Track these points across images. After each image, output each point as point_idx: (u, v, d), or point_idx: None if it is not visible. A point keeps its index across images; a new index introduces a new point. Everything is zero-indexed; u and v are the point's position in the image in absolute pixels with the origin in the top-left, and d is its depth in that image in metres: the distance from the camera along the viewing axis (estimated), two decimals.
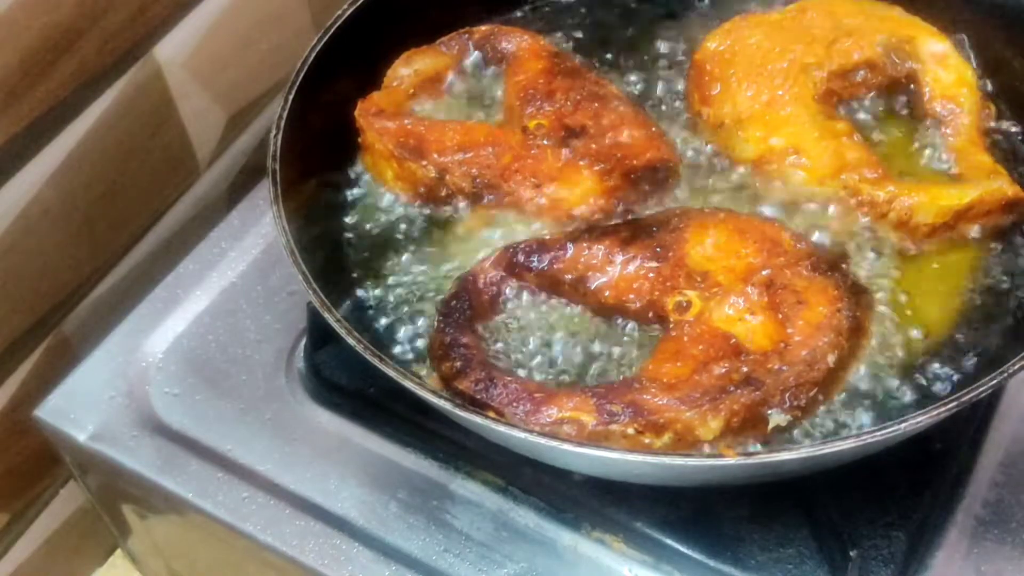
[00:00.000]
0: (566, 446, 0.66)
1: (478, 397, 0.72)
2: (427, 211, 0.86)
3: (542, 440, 0.66)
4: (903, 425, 0.65)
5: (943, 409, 0.66)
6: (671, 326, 0.75)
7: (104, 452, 0.86)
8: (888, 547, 0.75)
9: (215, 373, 0.90)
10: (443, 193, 0.85)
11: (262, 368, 0.90)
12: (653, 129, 0.87)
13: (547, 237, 0.80)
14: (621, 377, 0.74)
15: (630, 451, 0.68)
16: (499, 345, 0.77)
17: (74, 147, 0.96)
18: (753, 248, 0.77)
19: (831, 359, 0.72)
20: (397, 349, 0.79)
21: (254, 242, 0.98)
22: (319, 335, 0.87)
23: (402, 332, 0.80)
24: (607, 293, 0.77)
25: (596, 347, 0.77)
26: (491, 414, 0.71)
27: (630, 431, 0.69)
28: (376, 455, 0.84)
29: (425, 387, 0.69)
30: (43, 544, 1.08)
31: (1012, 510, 0.79)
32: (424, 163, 0.85)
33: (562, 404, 0.70)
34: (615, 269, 0.77)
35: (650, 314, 0.76)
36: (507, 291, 0.79)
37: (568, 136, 0.85)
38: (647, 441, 0.69)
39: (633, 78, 0.94)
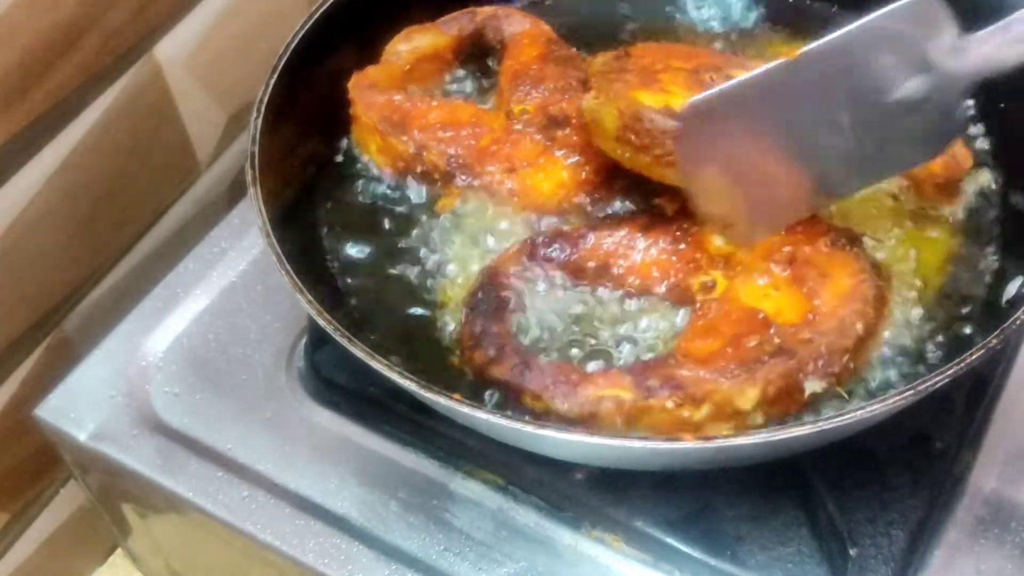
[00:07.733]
0: (542, 431, 0.67)
1: (514, 382, 0.72)
2: (408, 194, 0.86)
3: (505, 423, 0.67)
4: (859, 412, 0.65)
5: (899, 398, 0.66)
6: (698, 306, 0.76)
7: (104, 451, 0.86)
8: (888, 546, 0.75)
9: (215, 373, 0.90)
10: (419, 169, 0.85)
11: (262, 368, 0.90)
12: None
13: (565, 228, 0.80)
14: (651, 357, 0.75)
15: (591, 434, 0.68)
16: (529, 333, 0.78)
17: (74, 147, 0.96)
18: None
19: (860, 327, 0.73)
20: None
21: (254, 242, 0.97)
22: (319, 334, 0.87)
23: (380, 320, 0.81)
24: (632, 279, 0.78)
25: (620, 331, 0.77)
26: (527, 398, 0.71)
27: (669, 404, 0.70)
28: (376, 454, 0.84)
29: (393, 369, 0.69)
30: (43, 544, 1.08)
31: (1012, 510, 0.78)
32: (404, 138, 0.85)
33: (599, 383, 0.71)
34: (637, 254, 0.78)
35: (676, 296, 0.77)
36: (530, 280, 0.79)
37: (551, 125, 0.84)
38: (686, 414, 0.70)
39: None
